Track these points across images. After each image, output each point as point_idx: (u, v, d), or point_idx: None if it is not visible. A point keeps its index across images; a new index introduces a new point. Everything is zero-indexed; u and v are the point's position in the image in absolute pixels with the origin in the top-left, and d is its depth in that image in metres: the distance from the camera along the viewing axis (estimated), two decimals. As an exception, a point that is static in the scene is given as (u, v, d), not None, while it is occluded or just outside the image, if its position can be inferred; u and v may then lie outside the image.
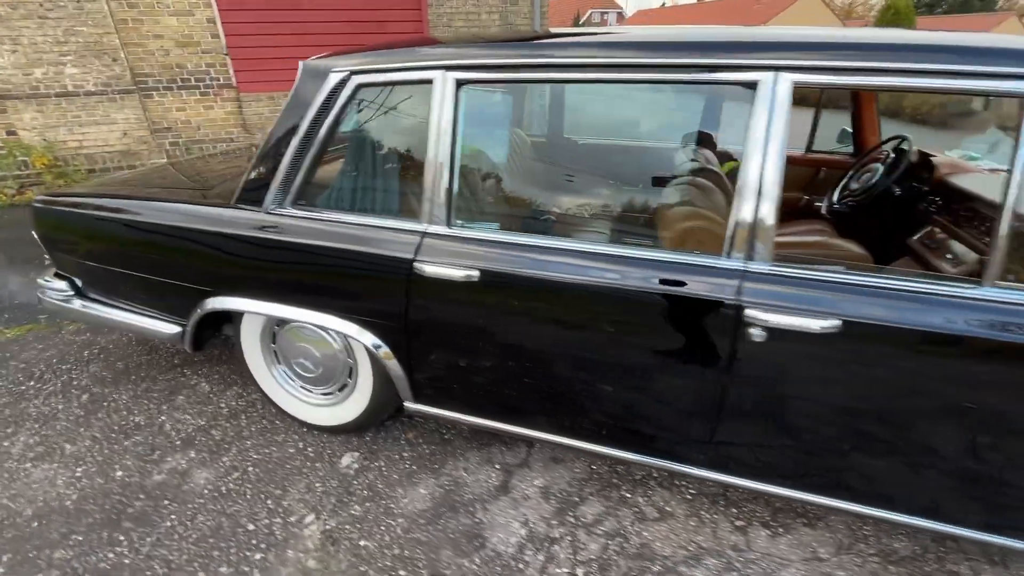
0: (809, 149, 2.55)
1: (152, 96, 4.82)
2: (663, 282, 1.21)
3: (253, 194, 1.56)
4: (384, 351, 1.53)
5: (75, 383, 2.21)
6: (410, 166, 1.46)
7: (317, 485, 1.69)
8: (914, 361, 1.10)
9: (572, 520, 1.57)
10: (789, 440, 1.27)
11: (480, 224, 1.39)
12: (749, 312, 1.14)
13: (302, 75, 1.46)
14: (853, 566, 1.43)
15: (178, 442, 1.87)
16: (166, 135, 4.99)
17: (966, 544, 1.48)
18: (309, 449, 1.84)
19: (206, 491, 1.66)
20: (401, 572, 1.41)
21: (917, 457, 1.19)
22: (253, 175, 1.56)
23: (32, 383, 2.21)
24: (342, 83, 1.40)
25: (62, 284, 2.02)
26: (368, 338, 1.53)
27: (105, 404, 2.07)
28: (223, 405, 2.07)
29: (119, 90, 4.66)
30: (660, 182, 1.79)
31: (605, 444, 1.44)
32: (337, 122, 1.43)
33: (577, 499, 1.64)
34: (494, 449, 1.84)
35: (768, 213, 1.13)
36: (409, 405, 1.64)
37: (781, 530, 1.54)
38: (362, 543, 1.49)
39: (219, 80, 4.95)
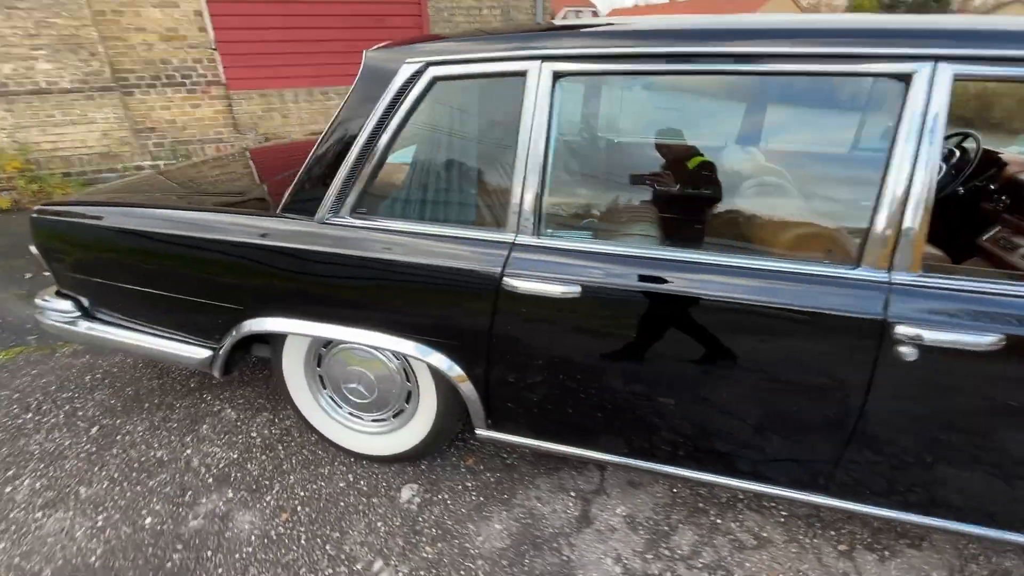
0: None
1: (134, 94, 4.50)
2: (791, 296, 1.09)
3: (304, 203, 1.38)
4: (458, 374, 1.38)
5: (80, 414, 1.97)
6: (493, 170, 1.31)
7: (379, 525, 1.52)
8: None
9: (667, 553, 1.44)
10: (927, 462, 1.17)
11: (573, 234, 1.25)
12: (900, 329, 1.03)
13: (366, 68, 1.29)
14: (972, 591, 1.35)
15: (211, 480, 1.67)
16: (149, 136, 4.67)
17: (1080, 561, 1.41)
18: (361, 482, 1.66)
19: (253, 537, 1.47)
20: (492, 624, 1.26)
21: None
22: (304, 181, 1.38)
23: (30, 415, 1.96)
24: (415, 76, 1.23)
25: (66, 304, 1.79)
26: (438, 359, 1.37)
27: (119, 438, 1.85)
28: (255, 434, 1.87)
29: (98, 87, 4.32)
30: (734, 184, 1.67)
31: (713, 472, 1.32)
32: (407, 120, 1.27)
33: (667, 528, 1.51)
34: (564, 474, 1.70)
35: (918, 219, 1.02)
36: (481, 432, 1.49)
37: (887, 553, 1.45)
38: (443, 592, 1.34)
39: (207, 77, 4.66)
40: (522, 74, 1.17)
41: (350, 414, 1.71)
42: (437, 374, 1.44)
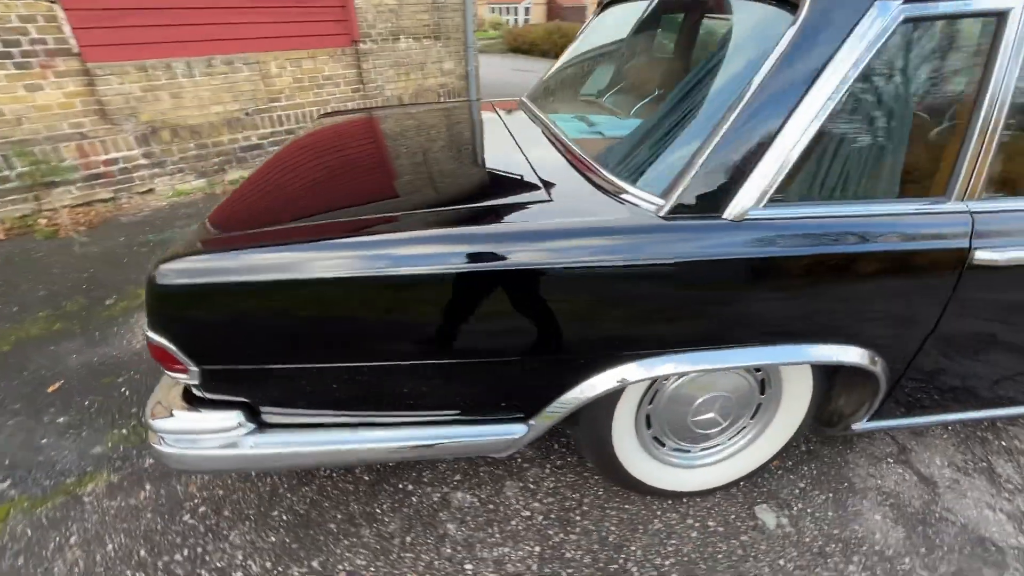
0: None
1: (-81, 73, 2.86)
2: None
3: (707, 199, 1.03)
4: (872, 364, 1.21)
5: (242, 575, 1.26)
6: (937, 130, 1.12)
7: (782, 563, 1.30)
8: None
9: (1011, 486, 1.52)
10: None
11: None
12: None
13: (817, 11, 0.97)
14: None
15: (546, 591, 1.23)
16: (-41, 137, 3.05)
17: None
18: (709, 523, 1.40)
19: (677, 639, 1.14)
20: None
21: None
22: (710, 169, 1.02)
23: (151, 609, 1.19)
24: (886, 17, 0.97)
25: (229, 416, 1.10)
26: (858, 356, 1.18)
27: (347, 586, 1.24)
28: (528, 513, 1.43)
29: None
30: None
31: None
32: (861, 76, 1.00)
33: (985, 464, 1.60)
34: (862, 444, 1.66)
35: None
36: (858, 426, 1.36)
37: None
38: (915, 606, 1.21)
39: (47, 44, 3.17)
40: (1001, 14, 1.00)
41: (675, 450, 1.41)
42: (828, 374, 1.27)
